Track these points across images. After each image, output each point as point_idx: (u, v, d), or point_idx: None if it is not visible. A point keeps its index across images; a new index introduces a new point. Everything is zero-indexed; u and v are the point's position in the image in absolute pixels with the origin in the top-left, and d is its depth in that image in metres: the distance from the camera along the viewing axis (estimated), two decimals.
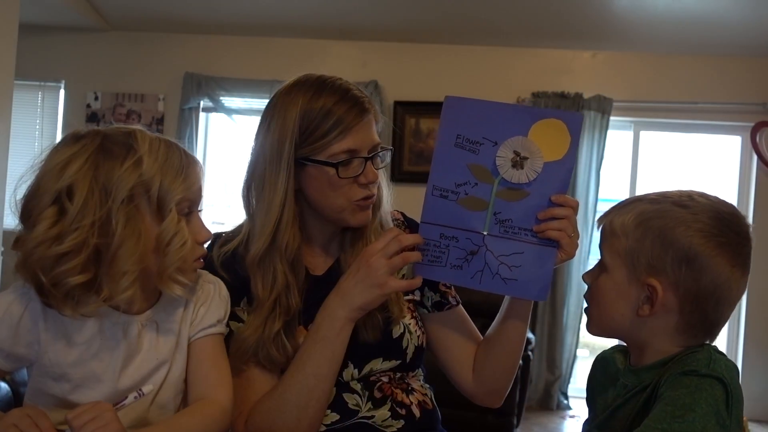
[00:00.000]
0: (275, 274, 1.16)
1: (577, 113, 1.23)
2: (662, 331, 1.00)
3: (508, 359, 1.26)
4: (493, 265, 1.15)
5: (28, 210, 0.98)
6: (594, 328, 1.08)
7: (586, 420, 1.14)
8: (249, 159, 1.22)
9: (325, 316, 1.16)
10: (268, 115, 1.20)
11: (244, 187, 1.22)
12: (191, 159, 1.07)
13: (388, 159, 1.23)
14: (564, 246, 1.14)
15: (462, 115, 1.14)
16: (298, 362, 1.16)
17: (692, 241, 0.96)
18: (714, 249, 0.96)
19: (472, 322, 1.34)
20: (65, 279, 0.95)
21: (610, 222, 1.04)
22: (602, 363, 1.15)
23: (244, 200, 1.23)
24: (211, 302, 1.13)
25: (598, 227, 1.08)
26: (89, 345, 1.03)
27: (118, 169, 0.98)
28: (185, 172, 1.03)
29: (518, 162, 1.13)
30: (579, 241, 1.13)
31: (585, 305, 1.10)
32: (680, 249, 0.96)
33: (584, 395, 1.19)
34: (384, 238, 1.14)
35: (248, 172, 1.22)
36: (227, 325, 1.17)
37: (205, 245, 1.10)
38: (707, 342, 1.01)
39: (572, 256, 1.16)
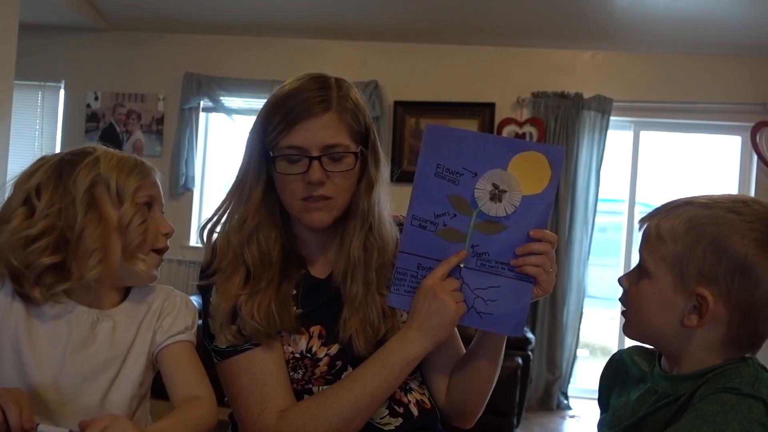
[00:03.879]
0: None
1: (559, 147, 1.21)
2: (706, 342, 0.94)
3: (479, 387, 1.26)
4: (468, 299, 1.14)
5: (2, 212, 1.10)
6: (632, 333, 1.03)
7: (600, 420, 1.11)
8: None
9: (400, 345, 1.15)
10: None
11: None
12: (149, 167, 1.19)
13: (354, 165, 1.18)
14: (541, 282, 1.13)
15: (443, 145, 1.12)
16: (360, 380, 1.15)
17: (748, 251, 0.90)
18: None
19: (459, 338, 1.32)
20: (37, 260, 1.06)
21: (656, 225, 0.98)
22: (619, 363, 1.12)
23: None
24: (177, 312, 1.19)
25: (640, 229, 1.02)
26: (45, 326, 1.11)
27: (77, 169, 1.11)
28: (141, 171, 1.15)
29: (496, 195, 1.11)
30: (580, 242, 1.12)
31: (622, 309, 1.04)
32: (735, 258, 0.90)
33: (584, 395, 1.18)
34: (440, 268, 1.14)
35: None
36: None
37: (168, 239, 1.19)
38: (749, 355, 0.96)
39: (549, 292, 1.15)
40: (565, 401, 4.45)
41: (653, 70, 4.51)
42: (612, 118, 4.46)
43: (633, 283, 1.01)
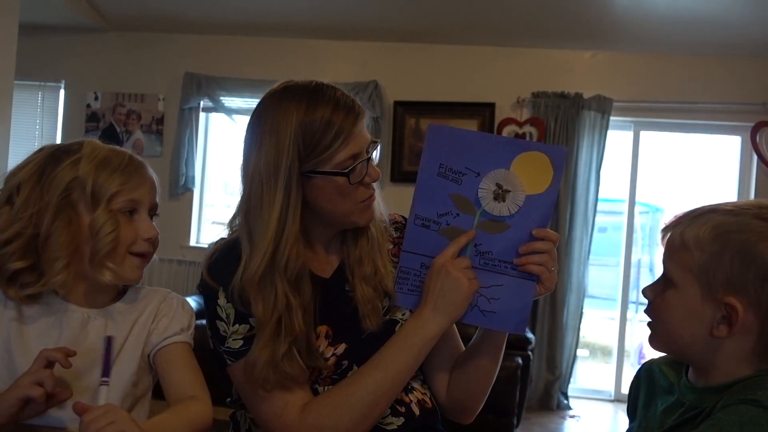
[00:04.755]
0: (276, 294, 1.12)
1: (561, 147, 1.22)
2: (737, 353, 0.92)
3: (480, 383, 1.27)
4: (472, 297, 1.15)
5: None
6: (659, 345, 1.01)
7: (627, 431, 1.11)
8: (242, 182, 1.17)
9: (417, 326, 1.16)
10: (257, 132, 1.15)
11: (242, 209, 1.17)
12: (138, 164, 1.16)
13: (379, 151, 1.23)
14: (544, 280, 1.14)
15: (445, 145, 1.13)
16: (380, 364, 1.15)
17: None
18: None
19: (457, 334, 1.33)
20: (6, 264, 1.08)
21: (680, 234, 0.95)
22: (648, 374, 1.10)
23: (244, 225, 1.16)
24: (174, 314, 1.20)
25: (663, 238, 0.99)
26: (36, 326, 1.13)
27: (57, 170, 1.11)
28: (126, 171, 1.13)
29: (500, 195, 1.12)
30: (580, 242, 1.11)
31: (648, 320, 1.01)
32: (764, 266, 0.88)
33: (584, 395, 1.18)
34: (451, 247, 1.14)
35: (244, 195, 1.16)
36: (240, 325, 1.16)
37: (153, 243, 1.17)
38: None
39: (551, 290, 1.16)
40: (565, 401, 4.45)
41: (653, 70, 4.51)
42: (612, 118, 4.46)
43: (658, 294, 0.99)
